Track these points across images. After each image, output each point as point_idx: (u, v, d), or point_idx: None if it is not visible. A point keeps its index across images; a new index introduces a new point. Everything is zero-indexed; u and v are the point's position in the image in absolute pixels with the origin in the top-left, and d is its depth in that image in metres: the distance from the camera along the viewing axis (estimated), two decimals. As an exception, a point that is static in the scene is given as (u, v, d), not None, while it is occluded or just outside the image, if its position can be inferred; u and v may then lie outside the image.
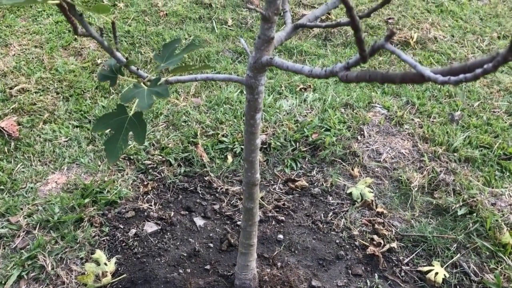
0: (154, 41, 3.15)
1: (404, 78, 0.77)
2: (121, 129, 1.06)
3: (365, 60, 0.83)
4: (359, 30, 0.74)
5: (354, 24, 0.74)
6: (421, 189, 2.15)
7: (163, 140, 2.33)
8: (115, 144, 1.06)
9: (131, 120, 1.07)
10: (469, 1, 3.60)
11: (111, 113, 1.08)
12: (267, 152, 2.33)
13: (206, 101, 2.62)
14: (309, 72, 1.08)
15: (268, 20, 1.26)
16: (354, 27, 0.74)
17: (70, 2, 0.97)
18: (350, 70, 0.92)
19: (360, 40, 0.77)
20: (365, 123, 2.49)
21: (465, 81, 0.64)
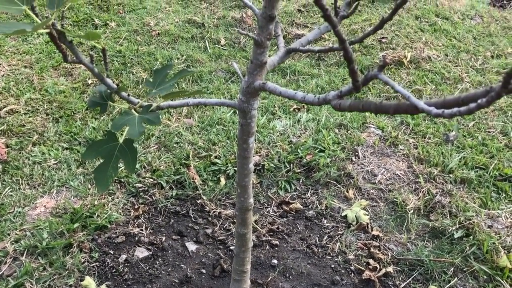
0: (146, 61, 3.16)
1: (398, 109, 0.77)
2: (111, 157, 1.06)
3: (358, 90, 0.83)
4: (352, 61, 0.75)
5: (347, 56, 0.74)
6: (417, 211, 2.15)
7: (155, 162, 2.32)
8: (105, 172, 1.05)
9: (121, 147, 1.06)
10: (462, 20, 3.65)
11: (101, 140, 1.07)
12: (260, 174, 2.32)
13: (199, 122, 2.62)
14: (302, 98, 1.09)
15: (260, 45, 1.27)
16: (347, 58, 0.75)
17: (60, 30, 0.97)
18: (343, 98, 0.92)
19: (353, 71, 0.77)
20: (359, 144, 2.50)
21: (459, 115, 0.65)
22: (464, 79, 3.01)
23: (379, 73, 0.80)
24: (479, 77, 3.03)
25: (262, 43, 1.26)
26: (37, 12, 0.98)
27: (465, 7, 3.83)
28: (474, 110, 0.63)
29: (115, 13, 3.70)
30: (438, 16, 3.68)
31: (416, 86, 2.92)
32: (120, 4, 3.82)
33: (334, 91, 0.97)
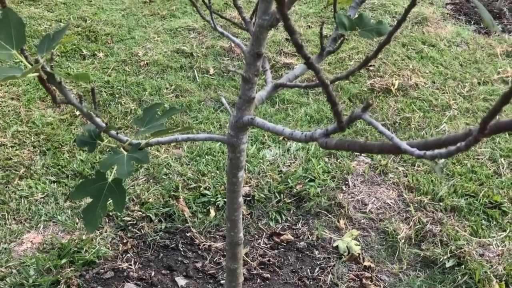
0: (134, 91, 3.19)
1: (382, 150, 0.80)
2: (99, 196, 1.07)
3: (343, 130, 0.86)
4: (336, 104, 0.78)
5: (331, 100, 0.77)
6: (408, 240, 2.17)
7: (143, 195, 2.33)
8: (93, 212, 1.06)
9: (110, 186, 1.08)
10: (448, 47, 3.74)
11: (89, 179, 1.09)
12: (251, 205, 2.34)
13: (188, 152, 2.64)
14: (290, 135, 1.11)
15: (248, 81, 1.30)
16: (331, 102, 0.78)
17: (49, 72, 1.00)
18: (329, 136, 0.95)
19: (337, 113, 0.80)
20: (349, 173, 2.53)
21: (440, 157, 0.68)
22: (451, 106, 3.07)
23: (363, 113, 0.84)
24: (467, 104, 3.10)
25: (250, 79, 1.30)
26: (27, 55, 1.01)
27: (451, 34, 3.94)
28: (453, 153, 0.66)
29: (103, 43, 3.75)
30: (425, 43, 3.77)
31: (405, 114, 2.97)
32: (108, 34, 3.87)
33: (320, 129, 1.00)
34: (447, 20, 4.20)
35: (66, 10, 4.23)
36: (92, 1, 4.42)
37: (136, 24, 4.08)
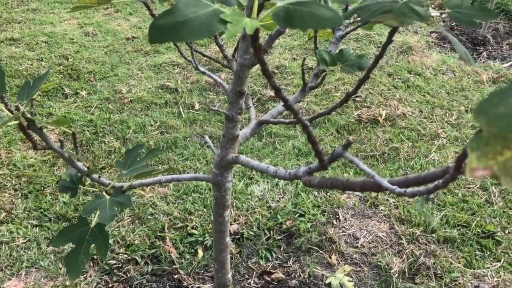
0: (118, 129, 3.21)
1: (364, 187, 0.82)
2: (82, 242, 1.08)
3: (326, 168, 0.89)
4: (316, 143, 0.81)
5: (311, 139, 0.80)
6: (402, 274, 2.17)
7: (129, 237, 2.32)
8: (76, 258, 1.07)
9: (92, 231, 1.09)
10: (434, 76, 3.83)
11: (72, 225, 1.10)
12: (240, 243, 2.34)
13: (174, 191, 2.65)
14: (274, 173, 1.14)
15: (232, 119, 1.33)
16: (312, 141, 0.80)
17: (29, 118, 1.02)
18: (312, 174, 0.97)
19: (318, 152, 0.83)
20: (339, 206, 2.55)
21: (419, 195, 0.70)
22: (440, 135, 3.12)
23: (343, 152, 0.86)
24: (455, 132, 3.15)
25: (233, 117, 1.33)
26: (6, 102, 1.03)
27: (437, 63, 4.03)
28: (432, 191, 0.68)
29: (86, 82, 3.78)
30: (411, 72, 3.86)
31: (393, 144, 3.02)
32: (91, 72, 3.92)
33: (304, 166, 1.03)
34: (432, 49, 4.31)
35: (48, 48, 4.29)
36: (74, 39, 4.49)
37: (119, 60, 4.13)
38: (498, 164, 0.30)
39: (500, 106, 0.30)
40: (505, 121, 0.30)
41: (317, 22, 0.58)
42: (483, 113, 0.30)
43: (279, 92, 0.70)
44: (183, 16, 0.58)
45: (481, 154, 0.30)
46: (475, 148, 0.30)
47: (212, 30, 0.58)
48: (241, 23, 0.58)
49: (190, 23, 0.57)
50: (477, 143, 0.30)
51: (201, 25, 0.58)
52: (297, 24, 0.59)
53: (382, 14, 0.89)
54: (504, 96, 0.30)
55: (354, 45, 4.29)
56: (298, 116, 0.76)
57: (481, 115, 0.30)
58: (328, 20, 0.58)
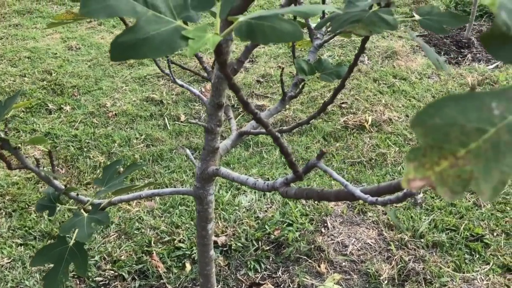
0: (103, 143, 3.21)
1: (338, 197, 0.83)
2: (61, 261, 1.08)
3: (301, 179, 0.90)
4: (289, 155, 0.82)
5: (283, 151, 0.81)
6: (391, 281, 2.18)
7: (115, 252, 2.31)
8: (55, 278, 1.07)
9: (71, 250, 1.09)
10: (419, 80, 3.86)
11: (50, 244, 1.09)
12: (228, 255, 2.34)
13: (160, 204, 2.64)
14: (253, 184, 1.15)
15: (211, 132, 1.34)
16: (284, 153, 0.81)
17: (3, 138, 1.02)
18: (289, 185, 0.98)
19: (291, 163, 0.84)
20: (327, 214, 2.56)
21: (390, 203, 0.71)
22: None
23: (318, 162, 0.87)
24: (442, 136, 3.18)
25: (212, 130, 1.34)
26: (-20, 122, 1.03)
27: (422, 67, 4.07)
28: (402, 199, 0.69)
29: (70, 96, 3.78)
30: (396, 77, 3.89)
31: (380, 150, 3.04)
32: (75, 86, 3.91)
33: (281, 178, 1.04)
34: (417, 53, 4.35)
35: (31, 64, 4.27)
36: (57, 53, 4.48)
37: (103, 74, 4.13)
38: (435, 174, 0.31)
39: (436, 117, 0.31)
40: (441, 132, 0.31)
41: (278, 36, 0.59)
42: (420, 124, 0.31)
43: (247, 105, 0.71)
44: (145, 33, 0.58)
45: (418, 164, 0.31)
46: (413, 159, 0.31)
47: (174, 47, 0.59)
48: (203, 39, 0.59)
49: (152, 40, 0.58)
50: (415, 154, 0.31)
51: (163, 42, 0.59)
52: (259, 38, 0.60)
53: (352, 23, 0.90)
54: (440, 107, 0.31)
55: (339, 51, 4.32)
56: (268, 129, 0.77)
57: (418, 126, 0.31)
58: (289, 34, 0.59)
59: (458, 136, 0.31)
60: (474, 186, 0.30)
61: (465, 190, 0.30)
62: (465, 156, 0.31)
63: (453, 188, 0.30)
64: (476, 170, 0.30)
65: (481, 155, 0.30)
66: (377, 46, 4.34)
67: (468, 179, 0.30)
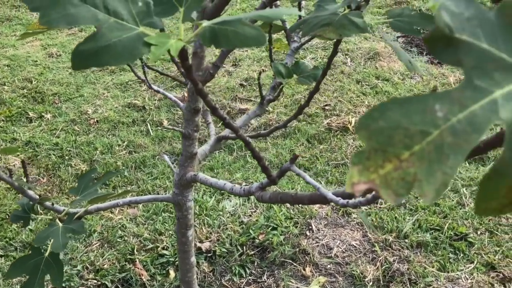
0: (85, 151, 3.18)
1: (311, 200, 0.84)
2: (36, 273, 1.07)
3: (275, 183, 0.90)
4: (261, 159, 0.82)
5: (255, 155, 0.81)
6: (376, 282, 2.19)
7: (98, 261, 2.29)
8: (30, 289, 1.05)
9: (47, 261, 1.08)
10: (402, 80, 3.89)
11: (26, 256, 1.08)
12: (212, 261, 2.33)
13: (144, 211, 2.63)
14: (231, 189, 1.15)
15: (188, 137, 1.34)
16: (256, 157, 0.81)
17: (-26, 148, 1.01)
18: (265, 189, 0.98)
19: (264, 167, 0.84)
20: (312, 217, 2.56)
21: (360, 206, 0.72)
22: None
23: (291, 165, 0.88)
24: (425, 136, 3.20)
25: (189, 135, 1.34)
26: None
27: (404, 67, 4.10)
28: (371, 201, 0.70)
29: (51, 104, 3.75)
30: (379, 78, 3.92)
31: (364, 151, 3.05)
32: (56, 94, 3.88)
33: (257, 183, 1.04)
34: (399, 53, 4.38)
35: (10, 72, 4.24)
36: (38, 61, 4.45)
37: (85, 81, 4.11)
38: (379, 177, 0.31)
39: (380, 120, 0.31)
40: (385, 135, 0.31)
41: (241, 40, 0.59)
42: (364, 128, 0.31)
43: (216, 111, 0.71)
44: (106, 40, 0.58)
45: (363, 168, 0.31)
46: (357, 163, 0.31)
47: (136, 54, 0.59)
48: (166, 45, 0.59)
49: (113, 47, 0.58)
50: (359, 157, 0.32)
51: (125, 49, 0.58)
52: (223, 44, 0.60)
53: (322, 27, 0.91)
54: (384, 110, 0.32)
55: (322, 53, 4.34)
56: (238, 134, 0.77)
57: (362, 130, 0.31)
58: (252, 39, 0.59)
59: (402, 139, 0.31)
60: (417, 188, 0.30)
61: (409, 192, 0.31)
62: (409, 158, 0.31)
63: (397, 191, 0.31)
64: (420, 172, 0.31)
65: (424, 157, 0.31)
66: (360, 48, 4.37)
67: (412, 181, 0.31)
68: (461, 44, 0.33)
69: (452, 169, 0.31)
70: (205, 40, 0.61)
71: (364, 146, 0.32)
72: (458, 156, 0.31)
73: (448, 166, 0.31)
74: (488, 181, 0.31)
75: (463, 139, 0.31)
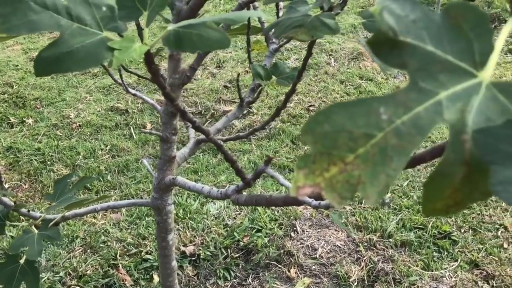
0: (67, 156, 3.16)
1: (286, 202, 0.84)
2: (12, 281, 1.06)
3: (250, 185, 0.90)
4: (234, 162, 0.82)
5: (227, 159, 0.81)
6: (361, 282, 2.20)
7: (81, 267, 2.28)
8: (6, 298, 1.05)
9: (22, 268, 1.07)
10: (386, 80, 3.92)
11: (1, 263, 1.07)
12: (197, 265, 2.33)
13: (127, 216, 2.62)
14: (208, 193, 1.15)
15: (166, 141, 1.33)
16: (229, 161, 0.82)
17: None
18: (241, 192, 0.98)
19: (238, 170, 0.84)
20: (296, 218, 2.57)
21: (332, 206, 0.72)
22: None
23: (265, 167, 0.88)
24: (408, 135, 3.23)
25: (167, 139, 1.33)
26: None
27: (388, 67, 4.13)
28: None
29: (32, 109, 3.72)
30: (362, 78, 3.94)
31: (348, 151, 3.07)
32: (37, 98, 3.85)
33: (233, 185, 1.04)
34: (383, 53, 4.41)
35: (-10, 77, 4.20)
36: (19, 65, 4.41)
37: (67, 84, 4.08)
38: (325, 181, 0.31)
39: (325, 124, 0.31)
40: (330, 138, 0.31)
41: (206, 44, 0.60)
42: (310, 132, 0.32)
43: (185, 115, 0.71)
44: (69, 46, 0.58)
45: (309, 171, 0.31)
46: (303, 166, 0.32)
47: (99, 59, 0.59)
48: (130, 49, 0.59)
49: (76, 53, 0.58)
50: (305, 161, 0.32)
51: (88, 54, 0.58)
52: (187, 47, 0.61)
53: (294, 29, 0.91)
54: (329, 114, 0.32)
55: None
56: (210, 137, 0.77)
57: (308, 134, 0.32)
58: (216, 42, 0.59)
59: (346, 142, 0.31)
60: (361, 190, 0.31)
61: (353, 195, 0.31)
62: (354, 161, 0.31)
63: (342, 194, 0.31)
64: (364, 174, 0.31)
65: (369, 160, 0.31)
66: (343, 48, 4.39)
67: (356, 184, 0.31)
68: (406, 47, 0.33)
69: (395, 171, 0.31)
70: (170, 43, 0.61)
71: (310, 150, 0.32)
72: (401, 158, 0.31)
73: (392, 168, 0.31)
74: (432, 182, 0.32)
75: (407, 141, 0.31)
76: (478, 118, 0.32)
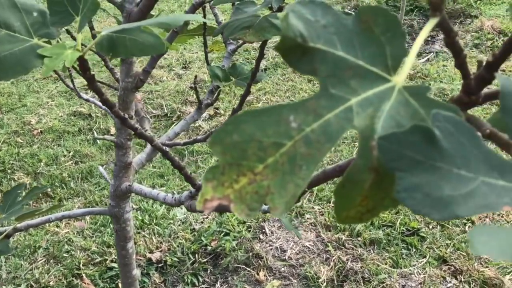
0: (28, 163, 3.10)
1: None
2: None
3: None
4: (182, 168, 0.81)
5: (175, 165, 0.80)
6: (331, 282, 2.21)
7: (43, 278, 2.23)
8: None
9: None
10: (353, 77, 3.96)
11: None
12: (163, 271, 2.31)
13: (91, 223, 2.58)
14: (163, 199, 1.14)
15: (121, 146, 1.32)
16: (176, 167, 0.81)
17: None
18: (195, 198, 0.98)
19: (187, 176, 0.83)
20: (265, 220, 2.57)
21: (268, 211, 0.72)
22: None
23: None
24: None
25: (123, 144, 1.32)
26: None
27: (355, 64, 4.17)
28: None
29: (-9, 116, 3.64)
30: (330, 76, 3.96)
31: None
32: (-4, 104, 3.77)
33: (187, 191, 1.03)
34: (350, 50, 4.46)
35: None
36: (-24, 71, 4.30)
37: (28, 90, 4.00)
38: (234, 192, 0.31)
39: (234, 134, 0.31)
40: (239, 148, 0.31)
41: (140, 48, 0.59)
42: (218, 143, 0.31)
43: (125, 121, 0.70)
44: (-4, 54, 0.57)
45: (217, 183, 0.31)
46: (211, 179, 0.31)
47: (28, 67, 0.57)
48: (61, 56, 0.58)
49: (4, 61, 0.56)
50: (213, 173, 0.32)
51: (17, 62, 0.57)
52: (121, 52, 0.60)
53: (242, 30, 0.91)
54: (238, 124, 0.32)
55: (273, 53, 4.37)
56: (154, 143, 0.76)
57: (216, 145, 0.31)
58: (151, 47, 0.59)
59: (256, 152, 0.31)
60: (269, 201, 0.31)
61: (261, 206, 0.31)
62: (263, 171, 0.31)
63: (250, 205, 0.31)
64: (273, 184, 0.31)
65: (278, 169, 0.31)
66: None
67: (265, 195, 0.31)
68: (316, 52, 0.33)
69: (303, 180, 0.31)
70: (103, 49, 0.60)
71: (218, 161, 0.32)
72: (310, 167, 0.31)
73: (301, 177, 0.31)
74: (342, 190, 0.32)
75: (316, 148, 0.31)
76: (387, 123, 0.32)
